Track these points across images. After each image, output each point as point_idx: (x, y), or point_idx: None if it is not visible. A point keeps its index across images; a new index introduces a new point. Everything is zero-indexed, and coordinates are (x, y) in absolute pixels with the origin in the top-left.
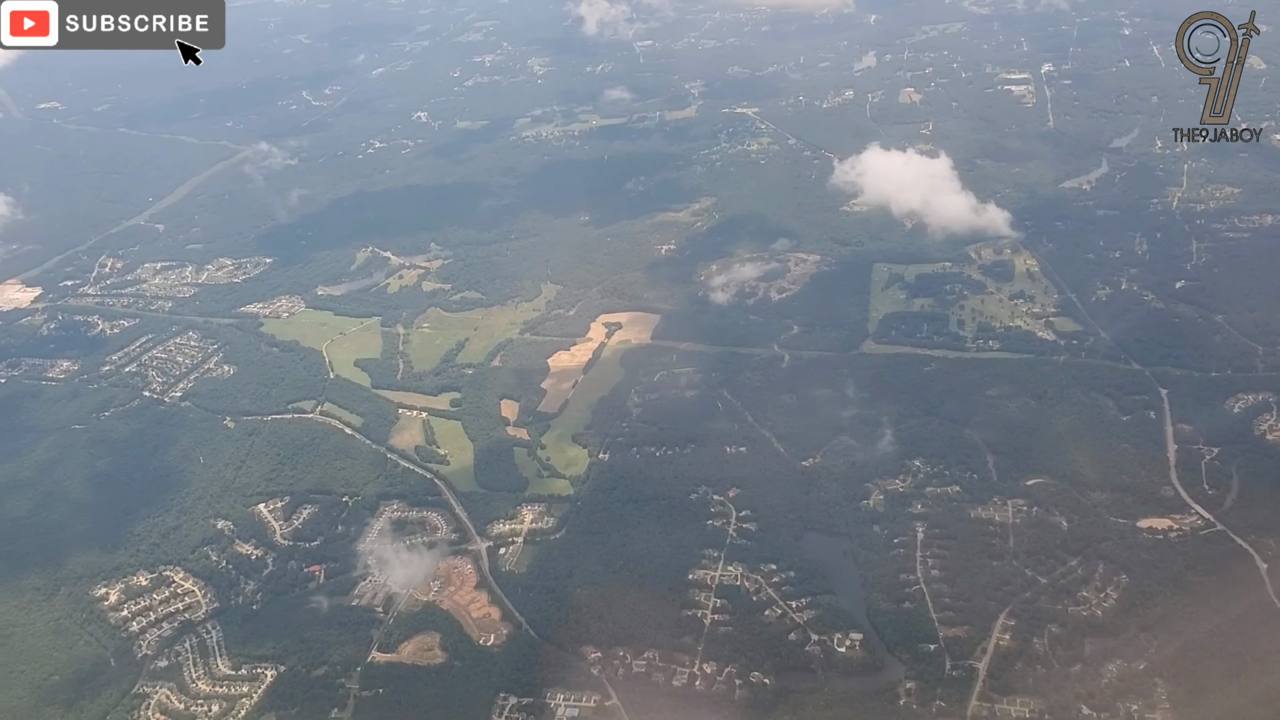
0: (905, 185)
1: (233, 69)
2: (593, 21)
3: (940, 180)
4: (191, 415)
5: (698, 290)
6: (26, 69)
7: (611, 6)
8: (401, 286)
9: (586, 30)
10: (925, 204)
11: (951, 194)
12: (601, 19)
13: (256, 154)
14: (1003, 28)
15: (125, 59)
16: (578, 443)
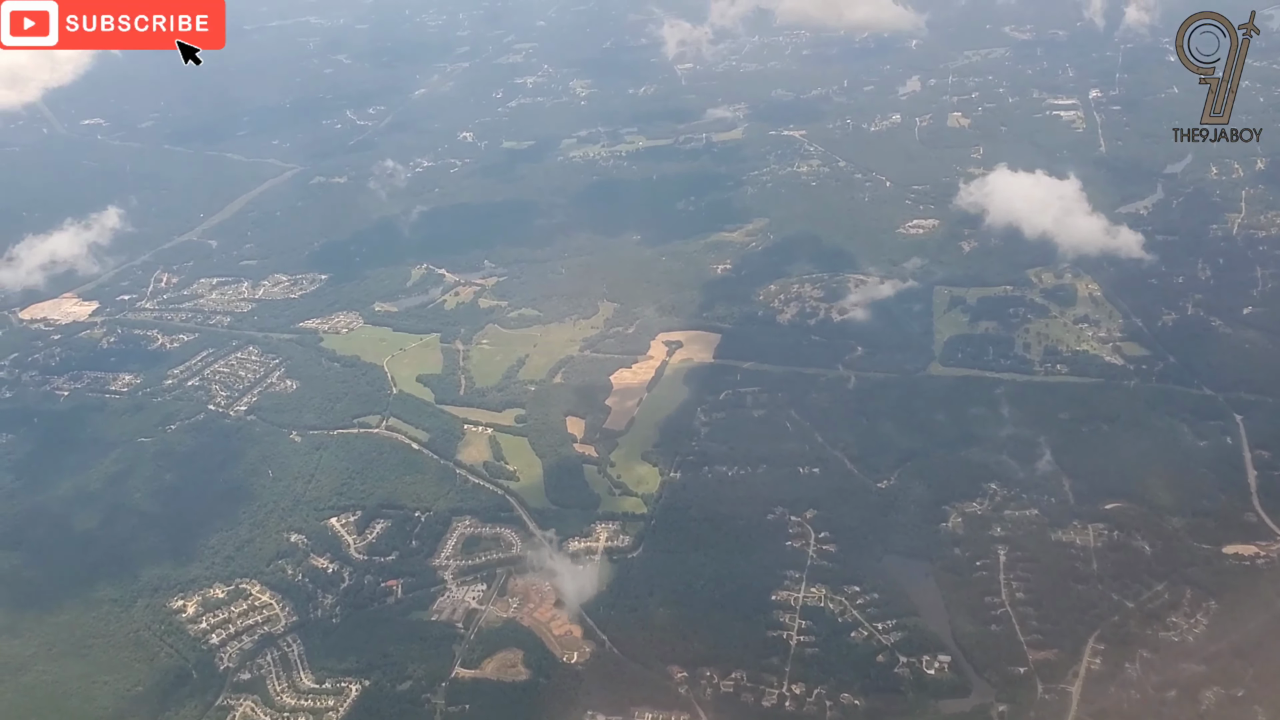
0: (1036, 206)
1: (275, 88)
2: (673, 43)
3: (1071, 201)
4: (257, 429)
5: (757, 310)
6: (71, 87)
7: (694, 28)
8: (458, 303)
9: (667, 52)
10: (1057, 225)
11: (1083, 215)
12: (683, 39)
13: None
14: (1046, 53)
15: (168, 76)
16: (647, 461)
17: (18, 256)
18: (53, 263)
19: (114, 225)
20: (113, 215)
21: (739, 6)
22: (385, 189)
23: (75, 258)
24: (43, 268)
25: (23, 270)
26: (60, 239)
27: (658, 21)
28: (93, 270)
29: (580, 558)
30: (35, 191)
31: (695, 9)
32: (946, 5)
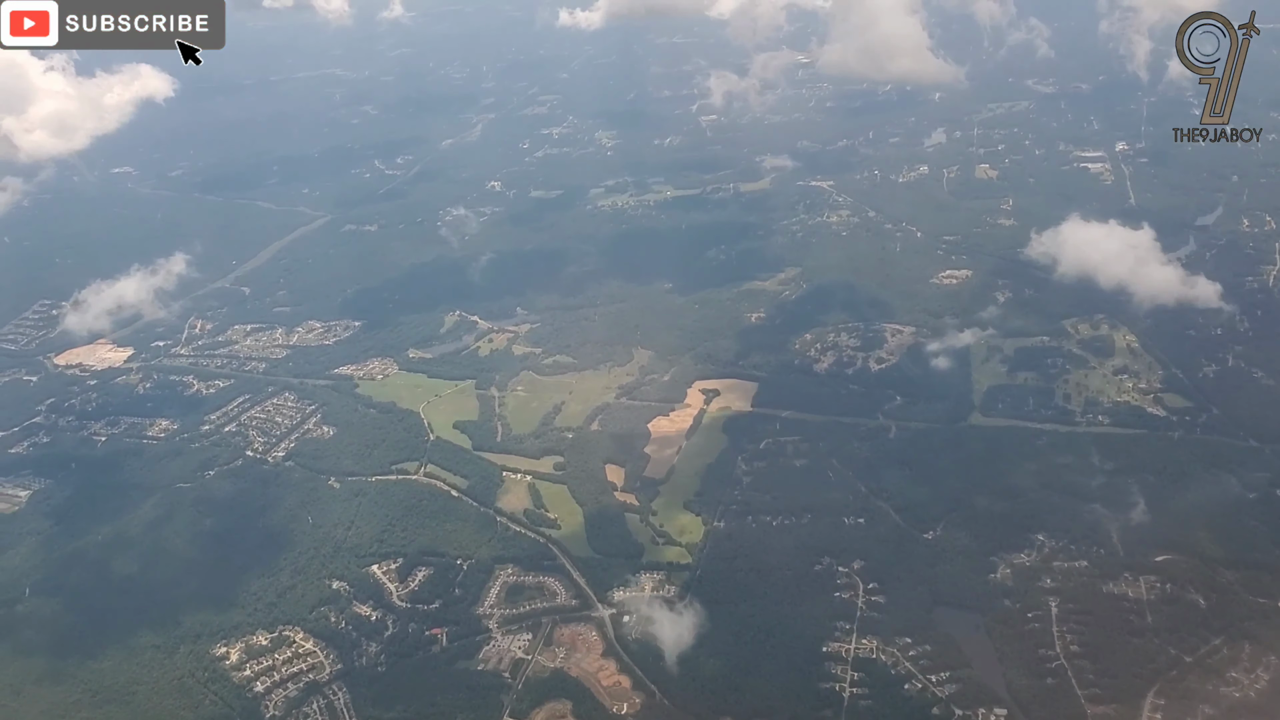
0: (1110, 256)
1: (303, 138)
2: (719, 94)
3: (1144, 251)
4: (295, 475)
5: (794, 359)
6: (113, 135)
7: (741, 80)
8: (492, 350)
9: (711, 103)
10: (1132, 274)
11: (1157, 265)
12: (730, 91)
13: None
14: (1070, 106)
15: (196, 125)
16: (689, 510)
17: (84, 301)
18: (79, 307)
19: (160, 273)
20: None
21: (780, 59)
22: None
23: (118, 307)
24: (73, 313)
25: (89, 314)
26: (111, 286)
27: (682, 76)
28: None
29: (627, 607)
30: (69, 239)
31: (737, 62)
32: (970, 58)
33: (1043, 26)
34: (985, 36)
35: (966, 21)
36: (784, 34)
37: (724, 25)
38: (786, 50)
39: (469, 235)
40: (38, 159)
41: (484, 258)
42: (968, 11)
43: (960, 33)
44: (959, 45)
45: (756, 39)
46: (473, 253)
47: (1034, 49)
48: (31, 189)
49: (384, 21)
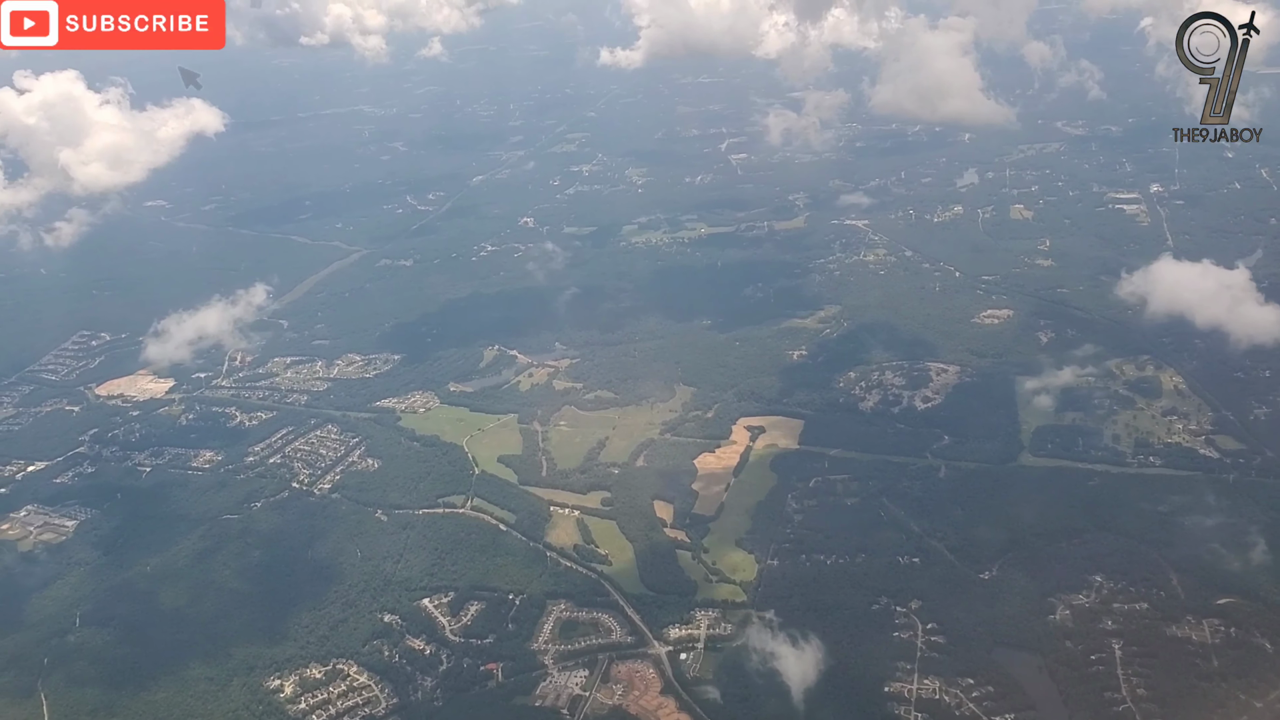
0: (1206, 296)
1: (335, 173)
2: (777, 132)
3: (1240, 291)
4: (342, 508)
5: (839, 396)
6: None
7: (800, 118)
8: (533, 385)
9: (770, 140)
10: (1229, 314)
11: (1255, 305)
12: (788, 128)
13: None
14: (1101, 148)
15: (227, 160)
16: (742, 547)
17: (166, 331)
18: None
19: (181, 305)
20: (178, 294)
21: (834, 98)
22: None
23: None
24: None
25: (172, 344)
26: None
27: (709, 115)
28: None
29: (683, 645)
30: (105, 271)
31: (760, 102)
32: (1020, 100)
33: (1094, 69)
34: (1035, 78)
35: (1017, 64)
36: (831, 75)
37: (744, 66)
38: (815, 90)
39: (503, 271)
40: (93, 191)
41: (518, 293)
42: (1017, 54)
43: (1010, 75)
44: (1009, 87)
45: (804, 79)
46: (509, 288)
47: (1085, 91)
48: (97, 220)
49: (417, 59)
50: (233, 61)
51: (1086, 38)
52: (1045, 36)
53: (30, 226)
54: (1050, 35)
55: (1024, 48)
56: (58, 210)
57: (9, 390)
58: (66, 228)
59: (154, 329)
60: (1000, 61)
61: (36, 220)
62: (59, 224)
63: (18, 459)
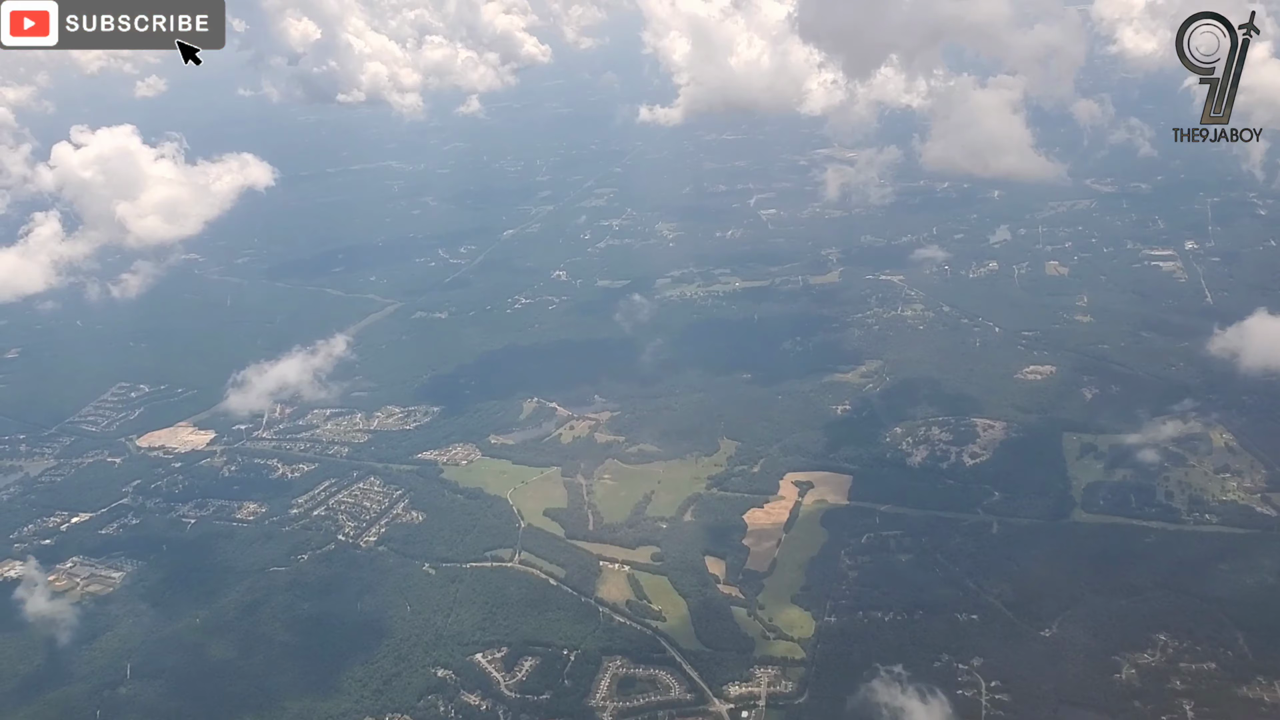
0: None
1: (366, 227)
2: (835, 186)
3: None
4: (389, 560)
5: (885, 452)
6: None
7: (859, 174)
8: (574, 437)
9: (829, 193)
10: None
11: None
12: (846, 182)
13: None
14: (1132, 205)
15: (259, 214)
16: (797, 604)
17: (246, 382)
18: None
19: (218, 357)
20: (214, 346)
21: (886, 155)
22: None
23: (185, 388)
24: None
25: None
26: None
27: (735, 171)
28: (203, 400)
29: (744, 703)
30: (142, 322)
31: (787, 159)
32: (1070, 157)
33: (1144, 126)
34: (1085, 135)
35: (1065, 121)
36: (869, 132)
37: (768, 123)
38: (843, 147)
39: (538, 324)
40: (148, 244)
41: (554, 346)
42: (1066, 112)
43: (1059, 132)
44: (1058, 144)
45: (852, 136)
46: (544, 340)
47: (1135, 148)
48: (161, 272)
49: (447, 116)
50: (260, 118)
51: (1135, 95)
52: (1093, 94)
53: (90, 279)
54: (1099, 93)
55: (1073, 105)
56: (114, 263)
57: (50, 441)
58: (99, 280)
59: (232, 379)
60: (1049, 119)
61: (95, 273)
62: (96, 277)
63: (61, 510)
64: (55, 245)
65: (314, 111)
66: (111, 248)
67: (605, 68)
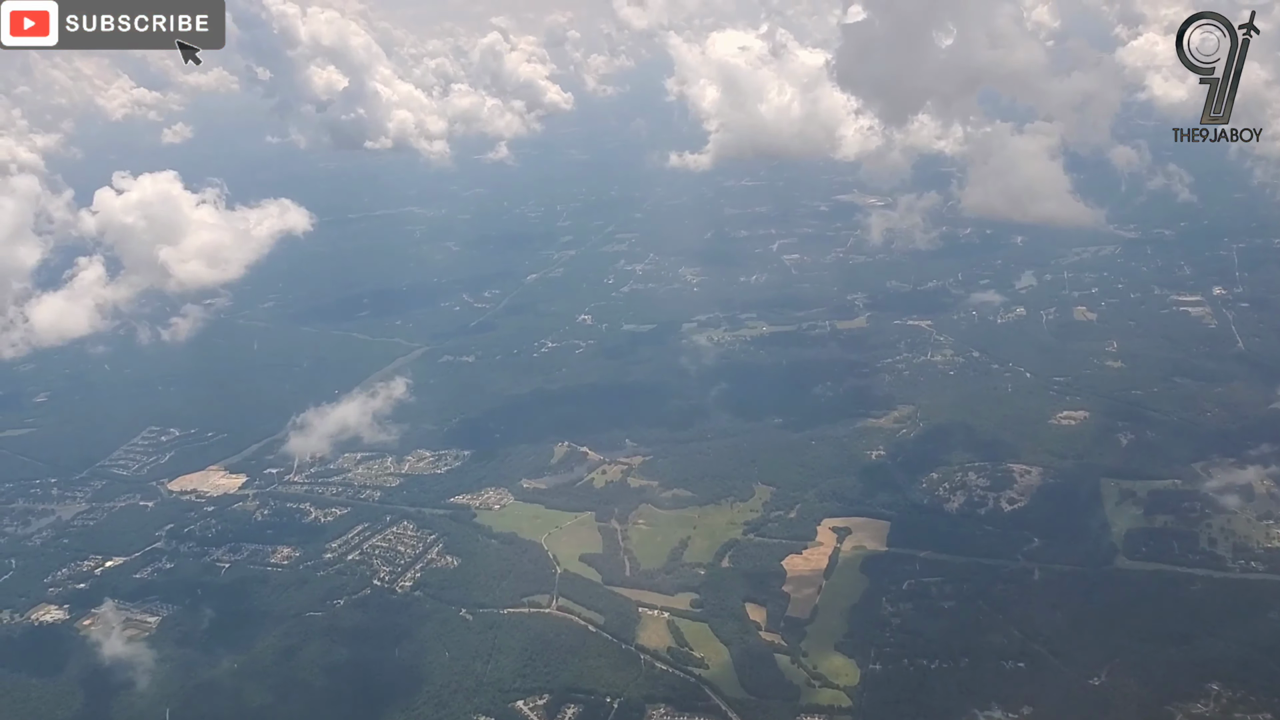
0: None
1: (390, 272)
2: (877, 231)
3: None
4: (425, 606)
5: (922, 498)
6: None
7: (885, 219)
8: (606, 482)
9: (870, 238)
10: None
11: None
12: (891, 228)
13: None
14: (1157, 251)
15: (282, 259)
16: (841, 651)
17: (308, 425)
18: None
19: (248, 400)
20: (243, 389)
21: (914, 201)
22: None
23: (215, 431)
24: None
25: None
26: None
27: (756, 217)
28: (232, 443)
29: None
30: (169, 366)
31: (807, 204)
32: (1108, 202)
33: (1183, 172)
34: (1122, 181)
35: (1102, 167)
36: (909, 177)
37: (787, 170)
38: (863, 193)
39: (565, 368)
40: (190, 288)
41: (582, 390)
42: (1103, 158)
43: (1097, 178)
44: (1095, 190)
45: (889, 182)
46: (572, 384)
47: (1174, 194)
48: (191, 318)
49: (466, 162)
50: (282, 164)
51: (1171, 141)
52: (1129, 141)
53: (126, 324)
54: (1135, 140)
55: (1109, 152)
56: (147, 309)
57: (82, 485)
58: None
59: (293, 421)
60: (1085, 165)
61: (134, 317)
62: (130, 321)
63: (95, 554)
64: (100, 289)
65: (334, 158)
66: (152, 293)
67: (626, 115)
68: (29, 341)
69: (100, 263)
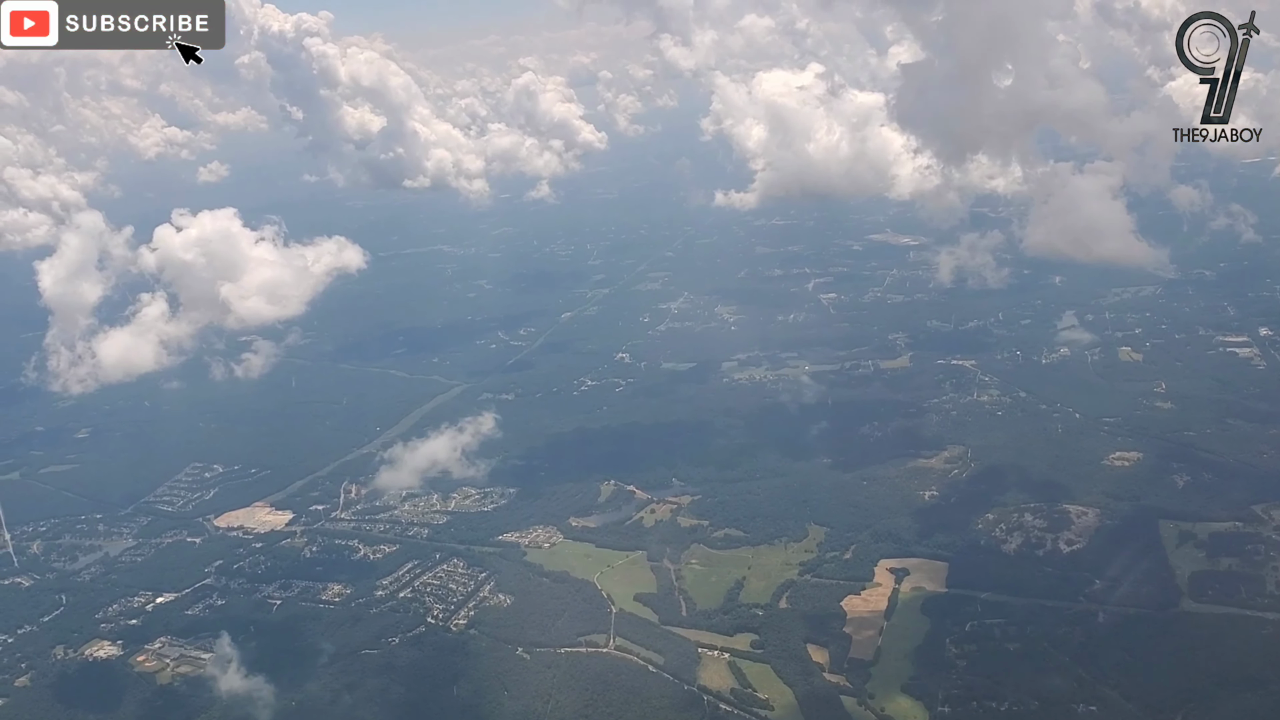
0: None
1: (424, 310)
2: (947, 270)
3: None
4: (481, 644)
5: (979, 539)
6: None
7: (990, 267)
8: (656, 521)
9: (940, 277)
10: None
11: None
12: (960, 265)
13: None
14: (1198, 292)
15: (315, 297)
16: (908, 694)
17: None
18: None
19: (290, 437)
20: (283, 427)
21: (989, 239)
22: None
23: (259, 468)
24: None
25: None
26: None
27: (789, 255)
28: (276, 480)
29: None
30: (207, 402)
31: (841, 243)
32: (1170, 242)
33: (1247, 212)
34: (1184, 221)
35: (1163, 207)
36: (953, 218)
37: (818, 209)
38: (891, 233)
39: (605, 406)
40: (250, 324)
41: (624, 429)
42: (1163, 198)
43: (1157, 218)
44: (1156, 230)
45: (951, 222)
46: (614, 423)
47: (1238, 234)
48: (280, 351)
49: (527, 201)
50: (311, 203)
51: (1234, 183)
52: (1190, 181)
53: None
54: (1196, 179)
55: (1170, 192)
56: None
57: (127, 521)
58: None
59: (380, 457)
60: (1145, 205)
61: (196, 353)
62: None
63: (144, 590)
64: (163, 325)
65: (361, 196)
66: (211, 329)
67: (654, 155)
68: (96, 377)
69: (164, 299)
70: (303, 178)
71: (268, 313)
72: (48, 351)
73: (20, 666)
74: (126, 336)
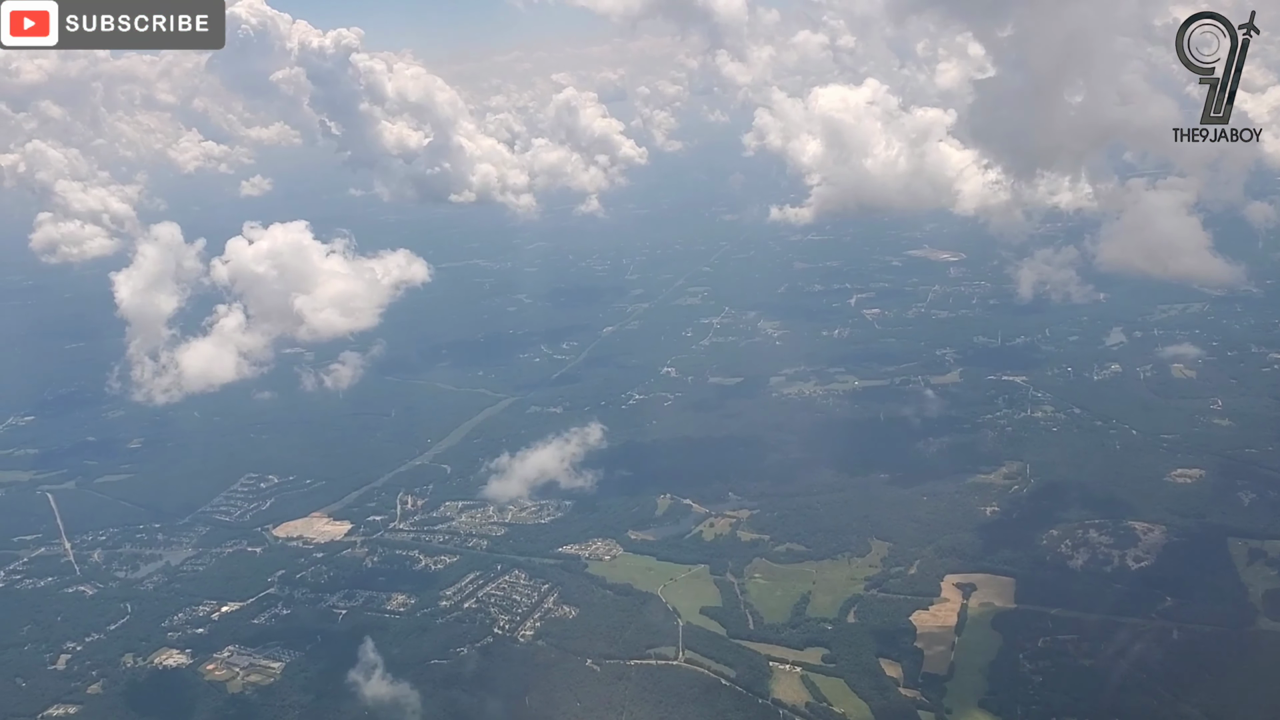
0: None
1: (465, 323)
2: (1027, 285)
3: None
4: (549, 655)
5: (1044, 555)
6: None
7: (1058, 273)
8: (715, 535)
9: (1021, 291)
10: None
11: None
12: (1041, 280)
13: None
14: (1247, 309)
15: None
16: (985, 709)
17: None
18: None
19: (341, 449)
20: (334, 438)
21: (1063, 255)
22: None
23: (314, 479)
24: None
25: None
26: None
27: (829, 271)
28: (331, 491)
29: None
30: (255, 414)
31: (880, 259)
32: (1244, 259)
33: None
34: (1259, 237)
35: (1238, 224)
36: (1000, 233)
37: (853, 224)
38: (929, 249)
39: (655, 420)
40: (323, 336)
41: (675, 443)
42: (1237, 215)
43: (1231, 234)
44: (1231, 247)
45: (1021, 238)
46: (665, 437)
47: None
48: (365, 362)
49: (577, 215)
50: (345, 218)
51: None
52: (1265, 197)
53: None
54: (1271, 195)
55: (1245, 208)
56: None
57: (186, 531)
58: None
59: (487, 466)
60: (1219, 221)
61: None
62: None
63: (209, 599)
64: (240, 337)
65: (397, 210)
66: (283, 339)
67: (736, 169)
68: (180, 386)
69: (240, 310)
70: (349, 191)
71: (340, 325)
72: (130, 362)
73: (91, 674)
74: (209, 347)
